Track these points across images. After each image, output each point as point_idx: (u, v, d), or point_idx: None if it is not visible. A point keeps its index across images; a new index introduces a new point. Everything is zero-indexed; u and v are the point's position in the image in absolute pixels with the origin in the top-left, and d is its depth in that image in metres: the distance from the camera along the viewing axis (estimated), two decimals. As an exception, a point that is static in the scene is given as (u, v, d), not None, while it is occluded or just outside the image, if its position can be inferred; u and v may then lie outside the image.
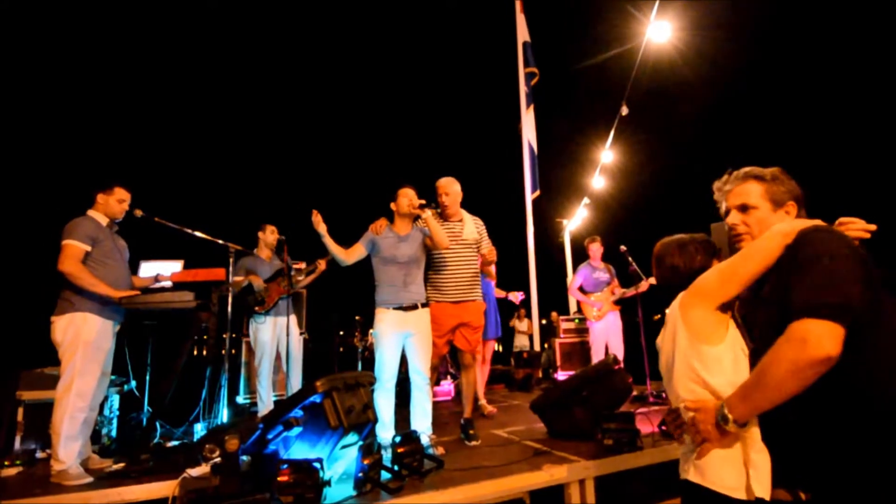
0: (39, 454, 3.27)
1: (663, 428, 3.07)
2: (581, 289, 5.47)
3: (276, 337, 4.38)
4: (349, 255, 3.32)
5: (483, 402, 4.68)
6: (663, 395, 4.62)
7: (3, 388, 3.38)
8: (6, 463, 3.03)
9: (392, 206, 3.45)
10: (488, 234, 3.72)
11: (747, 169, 1.52)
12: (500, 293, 5.09)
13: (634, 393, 3.81)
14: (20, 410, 3.33)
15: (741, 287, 1.35)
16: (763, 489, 1.24)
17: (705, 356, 1.34)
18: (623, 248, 4.92)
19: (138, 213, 3.36)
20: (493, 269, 4.58)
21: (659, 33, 4.84)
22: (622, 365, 3.57)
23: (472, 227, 3.60)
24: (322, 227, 3.16)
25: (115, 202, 3.16)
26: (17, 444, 3.25)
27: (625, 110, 6.48)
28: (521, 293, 5.17)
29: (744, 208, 1.48)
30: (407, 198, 3.35)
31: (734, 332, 1.38)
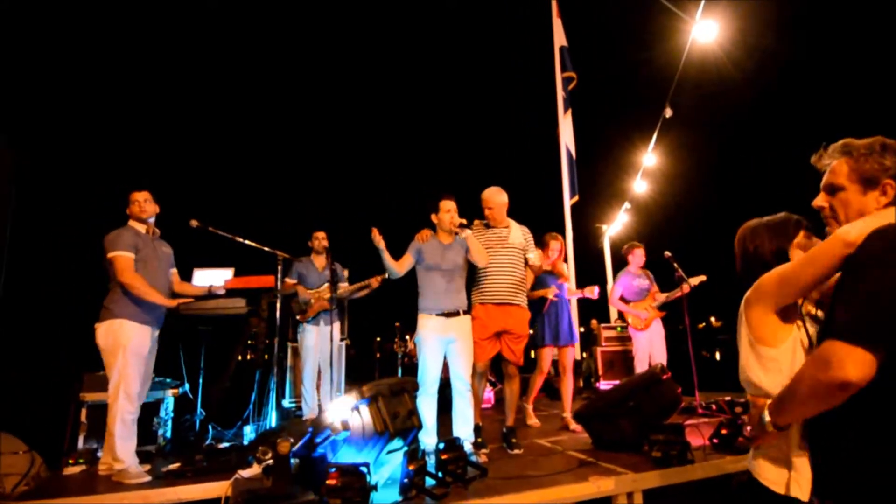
0: (101, 453, 3.42)
1: (714, 441, 2.98)
2: (622, 298, 5.31)
3: (320, 343, 4.48)
4: (401, 267, 3.41)
5: (529, 407, 4.59)
6: (713, 406, 4.45)
7: (68, 390, 3.57)
8: (70, 461, 3.16)
9: (433, 217, 3.49)
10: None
11: (843, 141, 1.33)
12: (575, 292, 4.94)
13: (683, 404, 3.68)
14: (83, 411, 3.49)
15: (799, 293, 1.28)
16: (801, 491, 1.25)
17: (762, 356, 1.34)
18: (668, 253, 4.74)
19: (194, 223, 3.51)
20: (564, 268, 4.51)
21: (705, 33, 4.70)
22: (670, 374, 3.45)
23: (518, 234, 3.62)
24: (382, 244, 3.27)
25: (133, 207, 3.23)
26: (80, 444, 3.40)
27: (669, 112, 6.32)
28: (598, 287, 4.84)
29: (831, 189, 1.32)
30: (449, 214, 3.39)
31: (800, 334, 1.33)
